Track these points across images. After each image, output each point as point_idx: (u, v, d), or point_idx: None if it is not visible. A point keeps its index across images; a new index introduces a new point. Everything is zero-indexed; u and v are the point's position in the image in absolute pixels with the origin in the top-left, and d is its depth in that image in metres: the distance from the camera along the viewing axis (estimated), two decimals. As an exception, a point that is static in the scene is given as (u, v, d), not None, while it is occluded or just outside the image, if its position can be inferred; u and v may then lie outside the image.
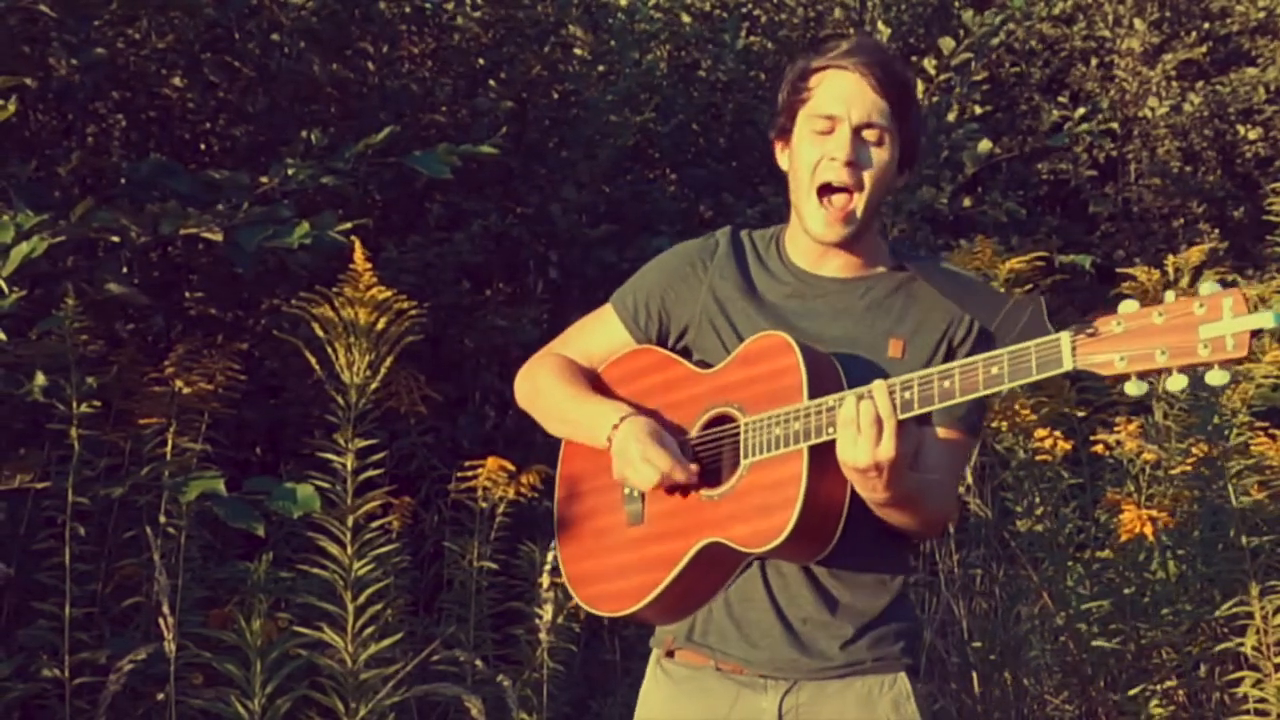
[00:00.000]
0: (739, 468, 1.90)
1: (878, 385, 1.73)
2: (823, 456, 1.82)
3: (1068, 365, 1.63)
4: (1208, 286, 1.57)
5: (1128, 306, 1.62)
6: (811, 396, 1.83)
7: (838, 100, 1.92)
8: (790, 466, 1.84)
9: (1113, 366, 1.60)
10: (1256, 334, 1.53)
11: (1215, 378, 1.55)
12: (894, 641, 1.97)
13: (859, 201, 1.93)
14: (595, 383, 2.12)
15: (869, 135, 1.92)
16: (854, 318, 1.98)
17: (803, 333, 1.93)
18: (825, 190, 1.94)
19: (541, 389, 2.13)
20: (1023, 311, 1.75)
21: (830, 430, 1.79)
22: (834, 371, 1.89)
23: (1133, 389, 1.60)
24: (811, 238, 1.98)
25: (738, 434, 1.91)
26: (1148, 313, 1.59)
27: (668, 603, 1.96)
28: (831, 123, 1.93)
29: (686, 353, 2.07)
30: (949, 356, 1.95)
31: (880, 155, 1.94)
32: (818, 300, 2.00)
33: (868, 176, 1.93)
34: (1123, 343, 1.60)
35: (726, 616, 1.97)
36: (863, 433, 1.72)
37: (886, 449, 1.71)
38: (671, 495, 1.95)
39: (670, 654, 2.03)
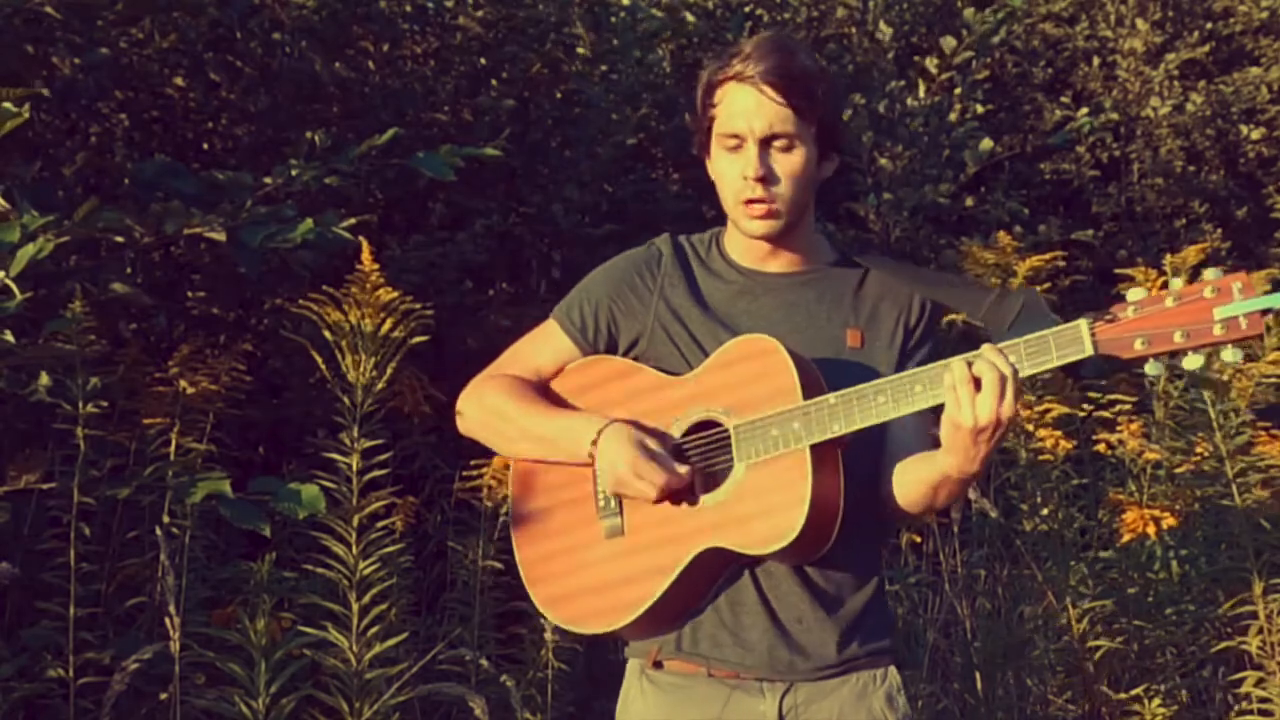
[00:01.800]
0: (732, 471, 1.89)
1: (988, 347, 1.75)
2: (822, 455, 1.83)
3: (1089, 350, 1.72)
4: (1212, 272, 1.69)
5: (1136, 293, 1.72)
6: (805, 397, 1.84)
7: (740, 118, 1.93)
8: (792, 466, 1.84)
9: (1133, 349, 1.71)
10: (1265, 312, 1.65)
11: (1229, 355, 1.68)
12: (881, 635, 2.00)
13: (781, 204, 1.95)
14: (550, 397, 2.07)
15: (778, 144, 1.94)
16: (806, 312, 2.00)
17: (759, 332, 1.94)
18: (748, 203, 1.96)
19: (498, 411, 2.07)
20: (1015, 300, 1.82)
21: (836, 428, 1.81)
22: (815, 372, 1.90)
23: (1152, 369, 1.73)
24: (749, 237, 2.01)
25: (725, 438, 1.90)
26: (1160, 298, 1.71)
27: (659, 612, 1.93)
28: (738, 140, 1.94)
29: (637, 363, 2.04)
30: (906, 339, 2.00)
31: (792, 161, 1.95)
32: (766, 296, 2.02)
33: (784, 181, 1.95)
34: (1139, 326, 1.71)
35: (718, 623, 1.95)
36: (986, 390, 1.73)
37: (1009, 406, 1.73)
38: (654, 504, 1.92)
39: (658, 665, 2.00)
